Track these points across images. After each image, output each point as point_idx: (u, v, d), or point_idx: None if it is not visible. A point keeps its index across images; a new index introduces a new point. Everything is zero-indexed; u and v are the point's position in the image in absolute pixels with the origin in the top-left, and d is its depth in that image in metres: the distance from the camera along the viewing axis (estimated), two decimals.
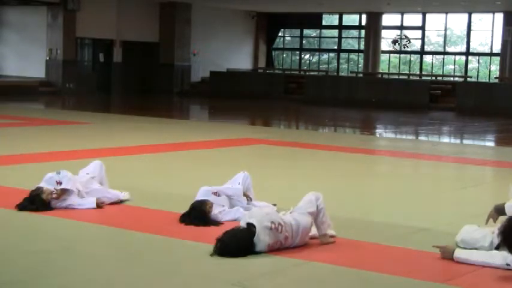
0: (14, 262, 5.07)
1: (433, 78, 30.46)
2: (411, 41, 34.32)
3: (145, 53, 30.28)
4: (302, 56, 38.68)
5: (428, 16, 33.07)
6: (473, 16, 32.29)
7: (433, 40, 37.69)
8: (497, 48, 31.70)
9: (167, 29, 30.49)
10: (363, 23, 34.42)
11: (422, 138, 16.59)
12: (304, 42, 38.32)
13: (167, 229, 6.08)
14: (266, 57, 36.47)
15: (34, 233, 5.94)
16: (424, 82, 28.19)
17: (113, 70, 29.36)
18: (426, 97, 25.76)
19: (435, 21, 33.84)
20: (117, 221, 6.41)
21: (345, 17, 35.98)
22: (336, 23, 36.24)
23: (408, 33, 34.47)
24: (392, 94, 26.27)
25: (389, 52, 35.72)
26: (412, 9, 32.37)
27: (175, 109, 25.26)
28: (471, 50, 33.63)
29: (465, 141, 16.69)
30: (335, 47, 36.92)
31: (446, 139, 16.99)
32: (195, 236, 5.85)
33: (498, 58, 31.62)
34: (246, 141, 13.50)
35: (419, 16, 33.10)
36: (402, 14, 33.46)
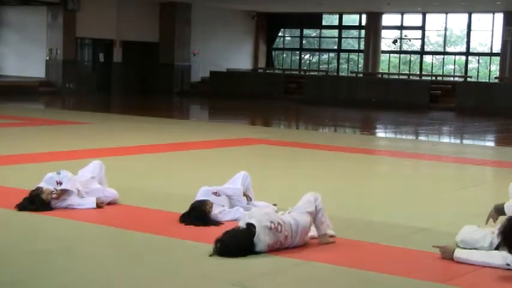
0: (14, 262, 5.07)
1: (433, 78, 30.46)
2: (412, 41, 34.33)
3: (145, 53, 30.27)
4: (302, 56, 38.67)
5: (428, 16, 33.07)
6: (473, 16, 32.30)
7: (433, 40, 37.69)
8: (497, 48, 31.70)
9: (167, 29, 30.48)
10: (363, 23, 34.41)
11: (422, 138, 16.59)
12: (304, 42, 38.32)
13: (167, 229, 6.08)
14: (266, 57, 36.47)
15: (34, 233, 5.94)
16: (424, 82, 28.19)
17: (113, 70, 29.35)
18: (426, 97, 25.75)
19: (435, 21, 33.85)
20: (117, 221, 6.41)
21: (345, 17, 35.97)
22: (336, 23, 36.23)
23: (408, 33, 34.48)
24: (392, 94, 26.27)
25: (389, 52, 35.73)
26: (412, 9, 32.37)
27: (175, 109, 25.26)
28: (471, 50, 33.64)
29: (465, 141, 16.69)
30: (335, 47, 36.92)
31: (446, 139, 16.98)
32: (195, 236, 5.85)
33: (498, 58, 31.62)
34: (246, 141, 13.49)
35: (419, 16, 33.10)
36: (402, 14, 33.46)
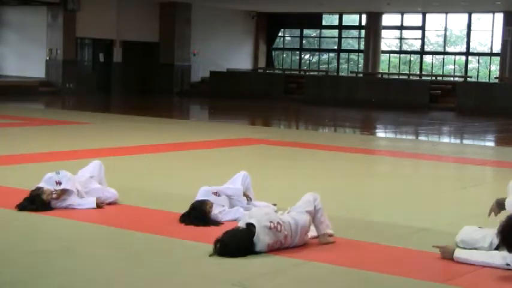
0: (14, 262, 5.07)
1: (433, 78, 30.45)
2: (411, 41, 34.32)
3: (145, 53, 30.27)
4: (302, 56, 38.67)
5: (428, 16, 33.07)
6: (473, 16, 32.30)
7: (433, 40, 37.68)
8: (497, 48, 31.70)
9: (167, 29, 30.48)
10: (363, 23, 34.41)
11: (422, 138, 16.59)
12: (304, 42, 38.31)
13: (167, 229, 6.08)
14: (266, 57, 36.47)
15: (34, 233, 5.94)
16: (424, 82, 28.19)
17: (113, 70, 29.35)
18: (426, 97, 25.75)
19: (435, 21, 33.85)
20: (117, 221, 6.41)
21: (345, 17, 35.97)
22: (336, 23, 36.23)
23: (408, 33, 34.48)
24: (392, 94, 26.26)
25: (389, 52, 35.73)
26: (412, 9, 32.37)
27: (175, 109, 25.25)
28: (471, 50, 33.63)
29: (465, 141, 16.69)
30: (335, 47, 36.91)
31: (446, 139, 16.98)
32: (195, 236, 5.85)
33: (498, 58, 31.62)
34: (246, 141, 13.49)
35: (419, 16, 33.10)
36: (402, 14, 33.46)
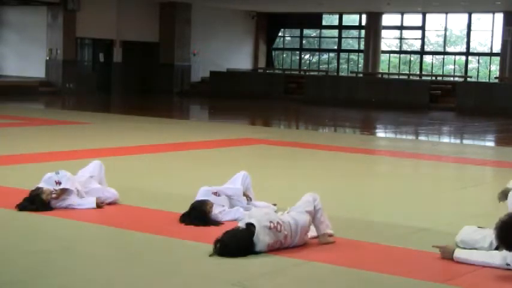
0: (14, 262, 5.07)
1: (433, 78, 30.45)
2: (411, 41, 34.30)
3: (145, 53, 30.27)
4: (302, 56, 38.67)
5: (428, 16, 33.06)
6: (473, 16, 32.29)
7: (433, 40, 37.68)
8: (497, 48, 31.69)
9: (167, 29, 30.48)
10: (363, 23, 34.41)
11: (422, 138, 16.59)
12: (304, 42, 38.31)
13: (167, 229, 6.08)
14: (266, 57, 36.46)
15: (34, 233, 5.94)
16: (424, 82, 28.18)
17: (113, 70, 29.35)
18: (426, 97, 25.75)
19: (435, 21, 33.84)
20: (117, 221, 6.41)
21: (345, 17, 35.97)
22: (336, 23, 36.23)
23: (408, 33, 34.48)
24: (392, 94, 26.26)
25: (389, 52, 35.73)
26: (412, 9, 32.36)
27: (175, 109, 25.25)
28: (471, 50, 33.63)
29: (465, 141, 16.69)
30: (335, 47, 36.91)
31: (446, 139, 16.98)
32: (195, 236, 5.85)
33: (498, 58, 31.62)
34: (246, 141, 13.49)
35: (419, 16, 33.10)
36: (402, 14, 33.46)
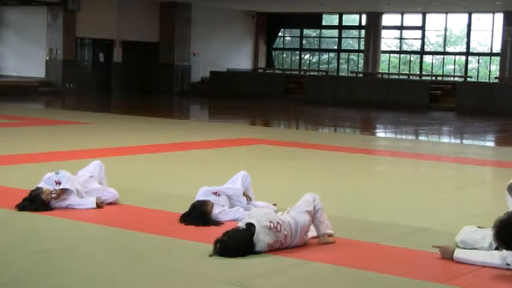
0: (14, 262, 5.07)
1: (433, 78, 30.47)
2: (411, 41, 34.30)
3: (145, 53, 30.27)
4: (302, 56, 38.67)
5: (428, 16, 33.07)
6: (473, 16, 32.30)
7: (433, 40, 37.68)
8: (497, 48, 31.70)
9: (167, 29, 30.48)
10: (363, 23, 34.41)
11: (422, 138, 16.59)
12: (304, 42, 38.31)
13: (167, 229, 6.08)
14: (266, 57, 36.47)
15: (34, 233, 5.94)
16: (424, 82, 28.18)
17: (113, 70, 29.36)
18: (426, 97, 25.75)
19: (435, 21, 33.85)
20: (117, 221, 6.41)
21: (345, 17, 35.97)
22: (336, 23, 36.23)
23: (408, 33, 34.48)
24: (392, 94, 26.27)
25: (389, 52, 35.72)
26: (412, 9, 32.37)
27: (175, 109, 25.24)
28: (471, 50, 33.63)
29: (465, 141, 16.69)
30: (335, 47, 36.92)
31: (446, 139, 16.97)
32: (195, 236, 5.85)
33: (498, 58, 31.63)
34: (246, 141, 13.49)
35: (419, 16, 33.10)
36: (402, 14, 33.46)
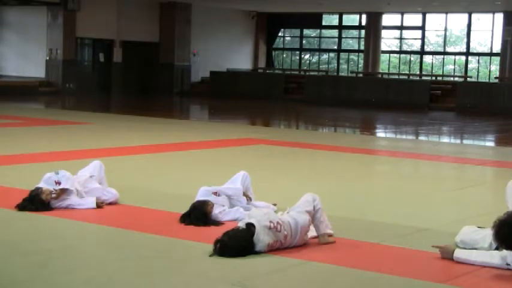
0: (14, 262, 5.07)
1: (433, 78, 30.46)
2: (411, 41, 34.27)
3: (145, 53, 30.27)
4: (302, 56, 38.66)
5: (428, 16, 33.06)
6: (473, 16, 32.29)
7: (433, 40, 37.68)
8: (497, 48, 31.70)
9: (167, 29, 30.48)
10: (363, 23, 34.41)
11: (422, 138, 16.59)
12: (304, 42, 38.30)
13: (167, 229, 6.08)
14: (266, 57, 36.46)
15: (34, 233, 5.94)
16: (424, 82, 28.17)
17: (113, 70, 29.35)
18: (426, 97, 25.76)
19: (435, 21, 33.84)
20: (117, 221, 6.41)
21: (345, 17, 35.97)
22: (336, 23, 36.23)
23: (408, 33, 34.48)
24: (392, 94, 26.27)
25: (389, 52, 35.72)
26: (412, 9, 32.36)
27: (175, 109, 25.25)
28: (471, 50, 33.63)
29: (465, 141, 16.69)
30: (335, 47, 36.91)
31: (446, 139, 16.97)
32: (195, 236, 5.85)
33: (498, 58, 31.62)
34: (246, 141, 13.49)
35: (419, 16, 33.09)
36: (402, 14, 33.45)
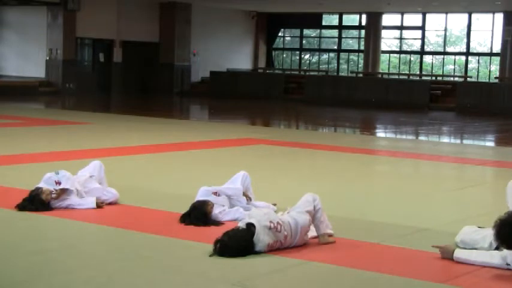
0: (14, 262, 5.07)
1: (433, 78, 30.47)
2: (411, 41, 34.27)
3: (145, 53, 30.27)
4: (302, 56, 38.67)
5: (428, 16, 33.06)
6: (473, 16, 32.29)
7: (433, 40, 37.67)
8: (497, 48, 31.70)
9: (167, 29, 30.48)
10: (363, 23, 34.41)
11: (422, 138, 16.59)
12: (304, 42, 38.30)
13: (167, 229, 6.08)
14: (266, 57, 36.46)
15: (34, 233, 5.94)
16: (424, 82, 28.18)
17: (113, 70, 29.35)
18: (426, 97, 25.76)
19: (435, 21, 33.84)
20: (117, 221, 6.41)
21: (345, 17, 35.96)
22: (336, 23, 36.23)
23: (408, 33, 34.48)
24: (392, 94, 26.27)
25: (389, 52, 35.72)
26: (412, 9, 32.36)
27: (175, 109, 25.25)
28: (471, 50, 33.63)
29: (465, 141, 16.69)
30: (335, 47, 36.91)
31: (446, 139, 16.97)
32: (195, 236, 5.85)
33: (498, 58, 31.62)
34: (246, 141, 13.49)
35: (419, 16, 33.09)
36: (402, 14, 33.45)
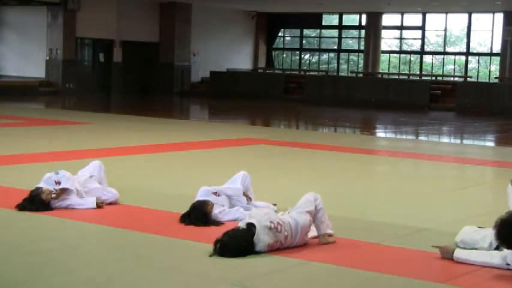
0: (14, 262, 5.07)
1: (433, 78, 30.47)
2: (411, 41, 34.26)
3: (145, 53, 30.27)
4: (302, 56, 38.66)
5: (428, 16, 33.06)
6: (473, 16, 32.29)
7: (433, 40, 37.67)
8: (497, 48, 31.70)
9: (167, 29, 30.48)
10: (363, 23, 34.41)
11: (422, 138, 16.59)
12: (304, 42, 38.30)
13: (167, 229, 6.08)
14: (266, 57, 36.46)
15: (34, 233, 5.94)
16: (424, 82, 28.17)
17: (113, 70, 29.35)
18: (426, 97, 25.76)
19: (435, 21, 33.84)
20: (117, 221, 6.41)
21: (345, 17, 35.96)
22: (336, 23, 36.23)
23: (408, 33, 34.48)
24: (392, 94, 26.27)
25: (389, 52, 35.72)
26: (412, 9, 32.36)
27: (175, 109, 25.25)
28: (471, 50, 33.63)
29: (465, 141, 16.69)
30: (335, 47, 36.91)
31: (446, 139, 16.98)
32: (195, 236, 5.85)
33: (498, 58, 31.62)
34: (246, 141, 13.49)
35: (419, 16, 33.09)
36: (402, 14, 33.45)
